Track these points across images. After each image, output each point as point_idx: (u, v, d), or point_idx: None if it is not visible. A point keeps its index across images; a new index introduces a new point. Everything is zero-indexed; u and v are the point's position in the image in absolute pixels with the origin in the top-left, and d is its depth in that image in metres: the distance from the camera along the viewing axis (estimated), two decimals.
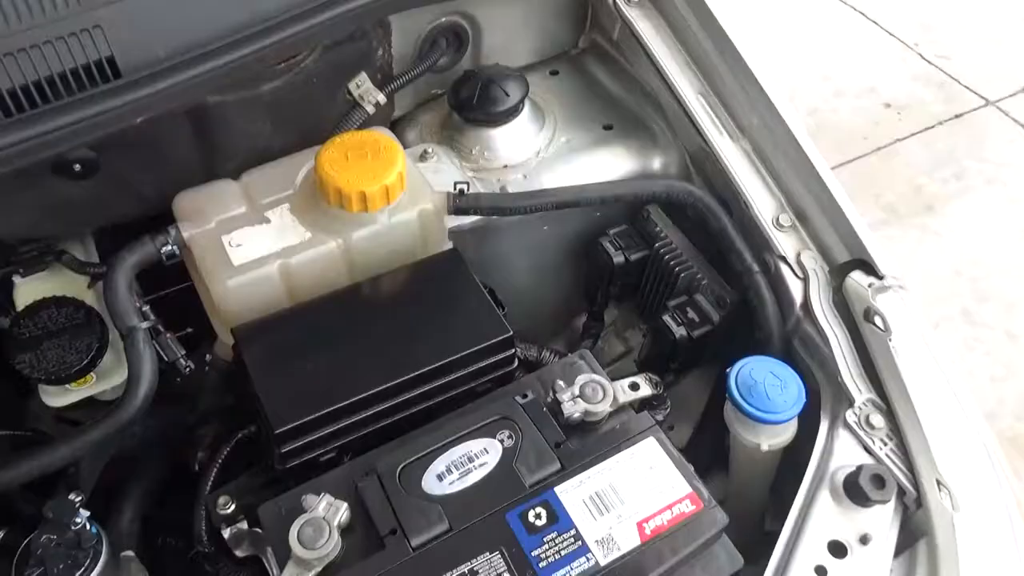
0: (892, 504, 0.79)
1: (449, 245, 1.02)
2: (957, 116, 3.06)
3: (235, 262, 0.89)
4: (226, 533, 0.92)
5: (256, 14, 0.88)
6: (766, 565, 0.78)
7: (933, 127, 3.04)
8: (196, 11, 0.85)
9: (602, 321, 1.22)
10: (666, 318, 1.02)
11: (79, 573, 0.84)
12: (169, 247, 0.91)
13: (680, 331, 1.01)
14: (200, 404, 1.06)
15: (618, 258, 1.08)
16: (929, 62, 3.24)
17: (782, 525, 0.81)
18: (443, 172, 1.08)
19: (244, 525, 0.93)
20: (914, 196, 2.80)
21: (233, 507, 0.92)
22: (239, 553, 0.94)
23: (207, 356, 1.01)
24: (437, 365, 0.88)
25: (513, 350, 0.92)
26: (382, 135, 0.95)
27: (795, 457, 0.90)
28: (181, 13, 0.85)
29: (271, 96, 0.94)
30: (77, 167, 0.89)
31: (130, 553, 0.93)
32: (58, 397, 0.96)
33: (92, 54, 0.80)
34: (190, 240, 0.91)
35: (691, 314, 1.02)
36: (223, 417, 1.05)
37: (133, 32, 0.81)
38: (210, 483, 0.95)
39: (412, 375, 0.87)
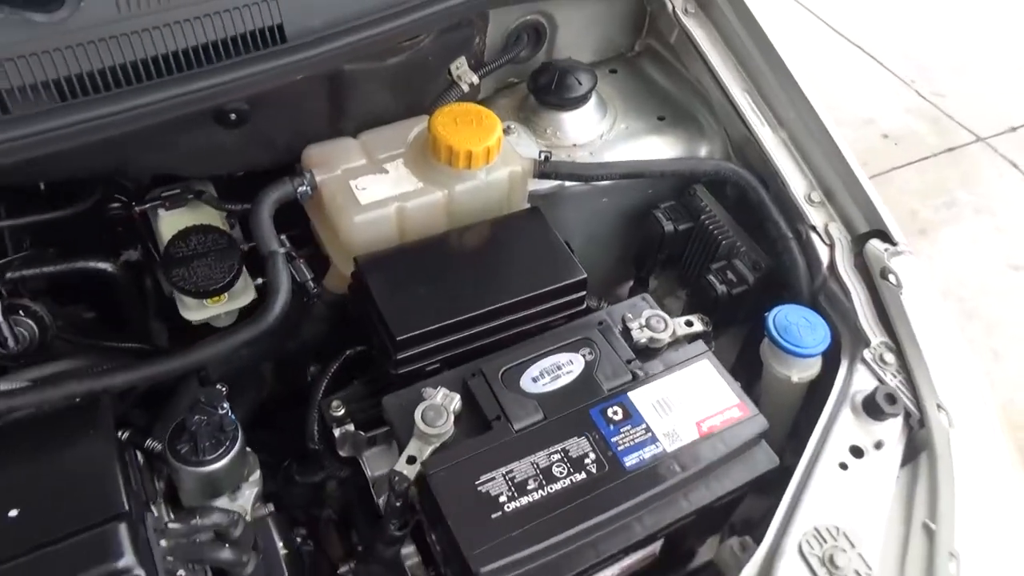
0: (901, 419, 0.96)
1: (527, 205, 1.21)
2: (950, 150, 3.30)
3: (362, 202, 1.07)
4: (336, 432, 1.09)
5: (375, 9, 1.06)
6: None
7: (927, 158, 3.28)
8: None
9: (647, 287, 1.39)
10: (709, 277, 1.20)
11: (221, 451, 1.00)
12: (304, 187, 1.09)
13: (721, 288, 1.19)
14: (302, 332, 1.23)
15: (668, 227, 1.27)
16: (924, 98, 3.48)
17: (798, 460, 0.97)
18: (522, 146, 1.26)
19: (351, 427, 1.10)
20: (908, 220, 3.01)
21: (343, 411, 1.09)
22: (342, 453, 1.11)
23: (315, 290, 1.18)
24: (525, 297, 1.06)
25: (585, 290, 1.10)
26: (483, 108, 1.13)
27: (814, 397, 1.08)
28: None
29: (393, 69, 1.12)
30: (233, 116, 1.06)
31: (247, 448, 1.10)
32: (196, 311, 1.12)
33: (266, 20, 0.98)
34: (322, 183, 1.09)
35: (730, 275, 1.21)
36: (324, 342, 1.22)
37: (301, 4, 0.99)
38: (321, 391, 1.12)
39: (504, 303, 1.04)
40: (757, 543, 0.90)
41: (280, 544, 1.07)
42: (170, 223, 1.15)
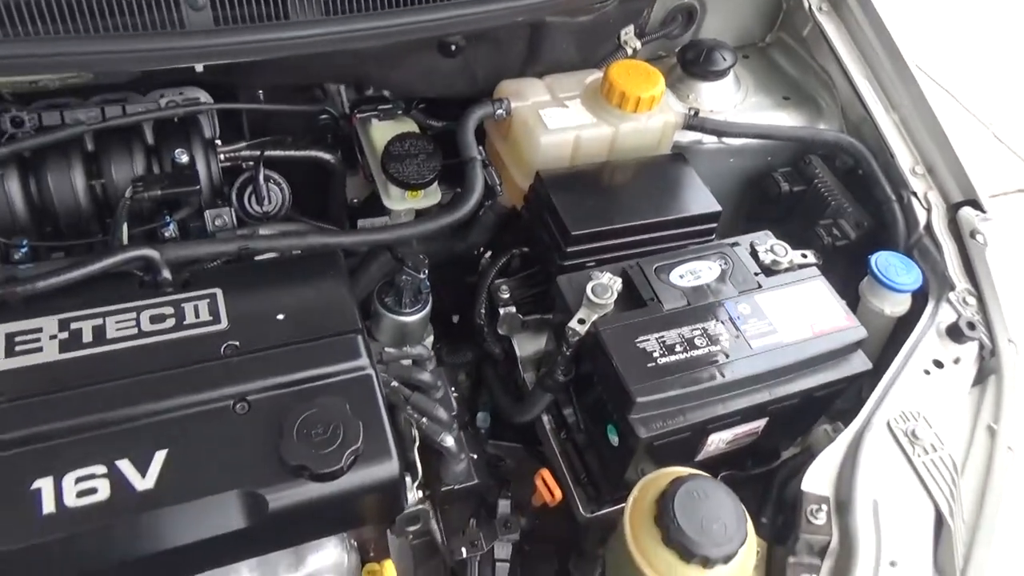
0: (976, 345, 1.17)
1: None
2: None
3: (549, 126, 1.32)
4: (501, 311, 1.34)
5: None
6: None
7: None
8: None
9: None
10: (817, 229, 1.42)
11: (418, 306, 1.26)
12: (501, 111, 1.34)
13: (827, 240, 1.41)
14: (470, 236, 1.48)
15: (784, 187, 1.49)
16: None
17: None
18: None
19: (512, 309, 1.34)
20: None
21: (509, 294, 1.34)
22: (500, 331, 1.36)
23: (488, 202, 1.42)
24: (671, 218, 1.30)
25: (717, 222, 1.33)
26: (651, 65, 1.38)
27: (900, 335, 1.29)
28: None
29: (581, 25, 1.37)
30: (453, 48, 1.32)
31: None
32: (397, 202, 1.38)
33: None
34: (516, 109, 1.34)
35: (835, 231, 1.43)
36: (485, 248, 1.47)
37: None
38: (490, 277, 1.37)
39: (654, 220, 1.29)
40: None
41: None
42: (381, 131, 1.41)
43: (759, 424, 1.19)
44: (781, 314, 1.17)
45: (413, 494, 1.13)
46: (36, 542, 0.88)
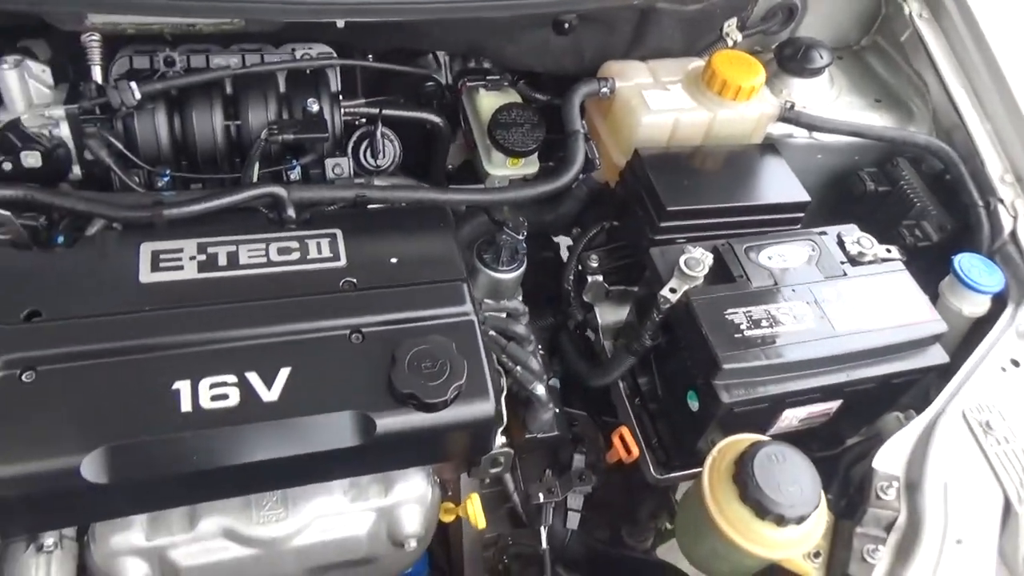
0: None
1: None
2: None
3: (651, 107, 1.38)
4: (589, 279, 1.41)
5: None
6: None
7: None
8: None
9: None
10: (900, 229, 1.46)
11: (515, 265, 1.33)
12: (606, 89, 1.41)
13: (909, 239, 1.45)
14: (560, 208, 1.55)
15: (870, 186, 1.53)
16: None
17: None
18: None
19: (600, 278, 1.41)
20: None
21: (597, 264, 1.41)
22: (585, 298, 1.43)
23: (580, 176, 1.49)
24: (761, 203, 1.35)
25: (804, 212, 1.38)
26: (752, 57, 1.43)
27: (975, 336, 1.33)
28: None
29: (690, 14, 1.43)
30: (566, 25, 1.39)
31: None
32: (498, 168, 1.46)
33: None
34: (620, 89, 1.41)
35: (918, 232, 1.46)
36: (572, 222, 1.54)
37: None
38: (581, 247, 1.44)
39: (745, 204, 1.34)
40: None
41: None
42: (488, 100, 1.49)
43: (832, 406, 1.24)
44: (864, 301, 1.21)
45: (496, 439, 1.21)
46: (174, 435, 0.98)
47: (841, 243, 1.30)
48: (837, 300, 1.21)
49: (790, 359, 1.14)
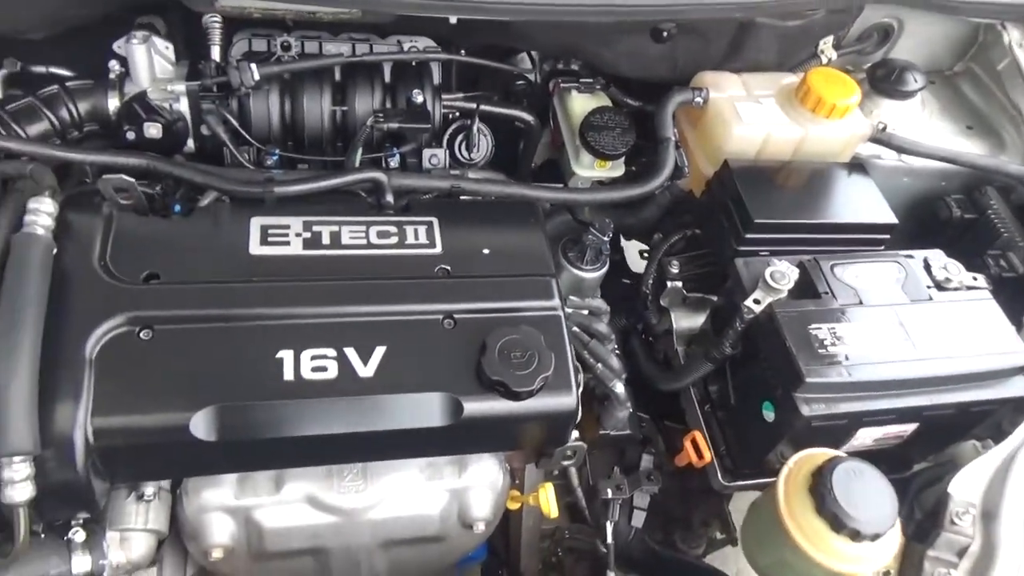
0: None
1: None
2: None
3: (744, 119, 1.39)
4: (668, 284, 1.43)
5: None
6: None
7: None
8: None
9: None
10: (986, 258, 1.45)
11: (597, 265, 1.36)
12: (699, 99, 1.43)
13: (995, 269, 1.44)
14: (643, 213, 1.58)
15: (956, 213, 1.53)
16: None
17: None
18: None
19: (679, 284, 1.43)
20: None
21: (678, 269, 1.43)
22: (663, 303, 1.45)
23: (667, 183, 1.51)
24: (848, 222, 1.36)
25: (890, 234, 1.38)
26: (848, 76, 1.43)
27: None
28: None
29: (787, 30, 1.44)
30: (664, 33, 1.41)
31: None
32: (586, 169, 1.49)
33: None
34: (714, 100, 1.42)
35: (1003, 262, 1.45)
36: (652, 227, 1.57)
37: None
38: (661, 252, 1.46)
39: (830, 222, 1.35)
40: None
41: None
42: (579, 102, 1.52)
43: (908, 428, 1.24)
44: (949, 327, 1.22)
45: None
46: (276, 402, 1.03)
47: (928, 267, 1.30)
48: (921, 324, 1.21)
49: (872, 378, 1.14)
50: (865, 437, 1.23)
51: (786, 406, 1.15)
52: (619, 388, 1.23)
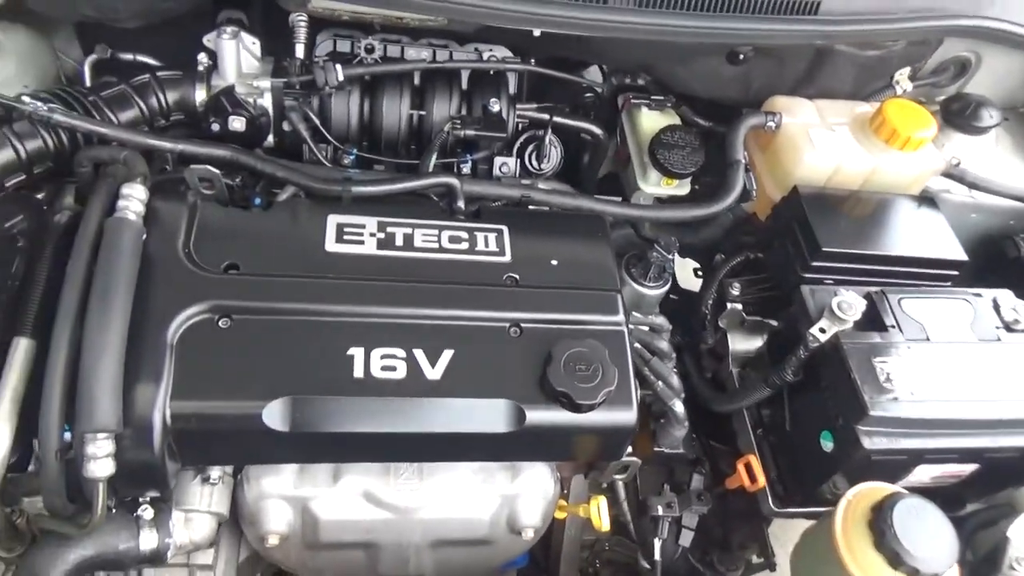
0: None
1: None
2: None
3: (817, 146, 1.39)
4: (728, 306, 1.43)
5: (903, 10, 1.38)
6: None
7: None
8: None
9: None
10: None
11: (660, 283, 1.37)
12: (772, 124, 1.43)
13: None
14: (704, 233, 1.58)
15: None
16: None
17: None
18: None
19: (739, 306, 1.43)
20: None
21: (739, 291, 1.43)
22: (720, 324, 1.45)
23: (755, 195, 1.51)
24: (917, 256, 1.35)
25: (959, 271, 1.37)
26: (924, 109, 1.42)
27: None
28: None
29: (865, 59, 1.44)
30: (741, 56, 1.41)
31: None
32: (651, 186, 1.50)
33: None
34: (786, 124, 1.42)
35: None
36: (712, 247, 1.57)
37: None
38: (722, 273, 1.46)
39: (902, 255, 1.34)
40: None
41: None
42: (649, 119, 1.53)
43: (967, 468, 1.23)
44: (1017, 369, 1.20)
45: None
46: (346, 397, 1.06)
47: (997, 307, 1.29)
48: (988, 364, 1.20)
49: (935, 416, 1.14)
50: (923, 474, 1.22)
51: (847, 438, 1.15)
52: (678, 407, 1.23)
